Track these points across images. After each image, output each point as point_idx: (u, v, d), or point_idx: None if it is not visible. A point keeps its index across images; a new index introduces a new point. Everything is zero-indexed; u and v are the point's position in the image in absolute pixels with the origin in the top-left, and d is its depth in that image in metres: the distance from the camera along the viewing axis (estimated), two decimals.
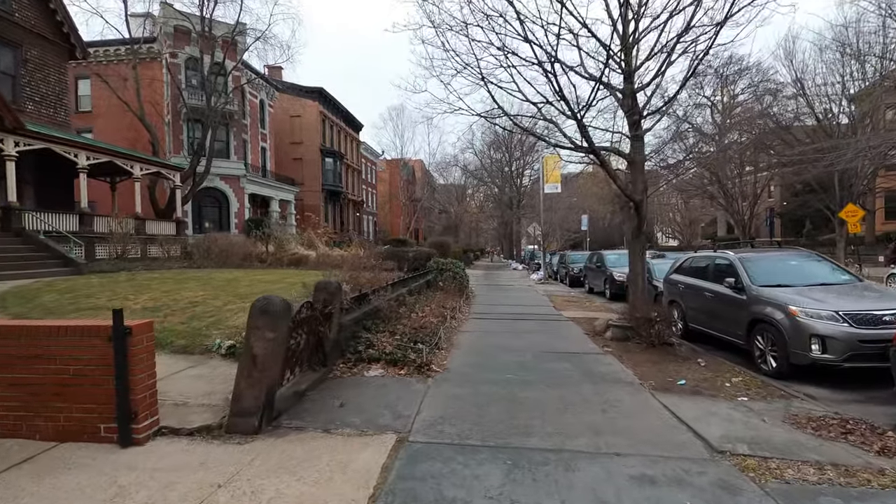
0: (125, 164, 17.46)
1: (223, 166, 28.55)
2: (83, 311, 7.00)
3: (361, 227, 51.73)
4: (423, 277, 13.94)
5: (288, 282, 11.21)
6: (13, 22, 16.47)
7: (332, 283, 5.56)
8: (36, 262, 12.46)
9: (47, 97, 17.79)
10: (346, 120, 46.95)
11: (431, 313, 9.70)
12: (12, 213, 13.28)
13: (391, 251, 20.14)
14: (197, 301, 7.94)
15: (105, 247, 15.62)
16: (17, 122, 13.05)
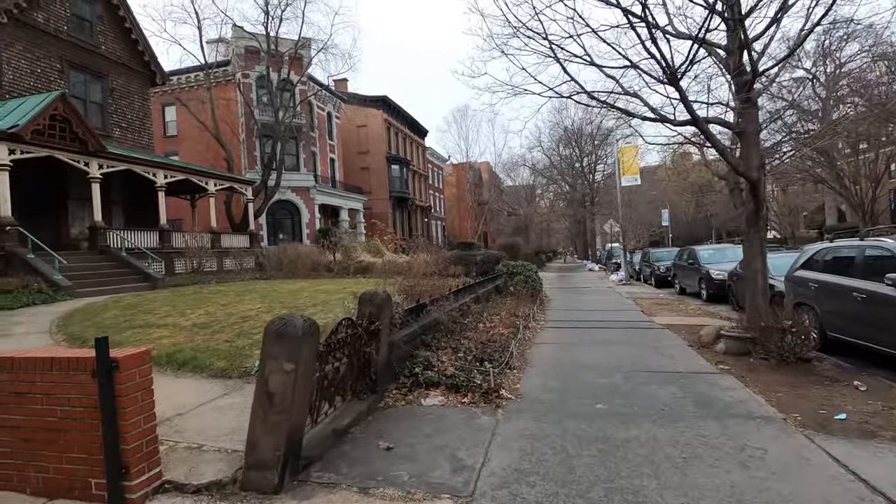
0: (200, 180, 18.10)
1: (294, 179, 29.34)
2: (134, 328, 6.73)
3: (429, 232, 51.59)
4: (491, 282, 12.90)
5: (348, 291, 10.60)
6: (100, 54, 17.67)
7: (379, 295, 4.70)
8: (117, 278, 12.97)
9: (132, 122, 18.94)
10: (410, 126, 47.09)
11: (501, 323, 8.63)
12: (97, 233, 14.00)
13: (458, 255, 19.30)
14: (249, 315, 7.49)
15: (183, 261, 16.17)
16: (99, 145, 13.74)
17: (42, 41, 15.65)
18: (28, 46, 15.27)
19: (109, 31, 18.11)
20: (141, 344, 5.97)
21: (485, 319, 8.69)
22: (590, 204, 41.04)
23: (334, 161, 36.17)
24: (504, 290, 13.24)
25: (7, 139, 11.65)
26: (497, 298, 12.03)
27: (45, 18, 15.81)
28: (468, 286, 10.21)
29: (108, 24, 18.03)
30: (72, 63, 16.61)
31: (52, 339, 6.58)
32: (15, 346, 6.28)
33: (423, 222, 49.89)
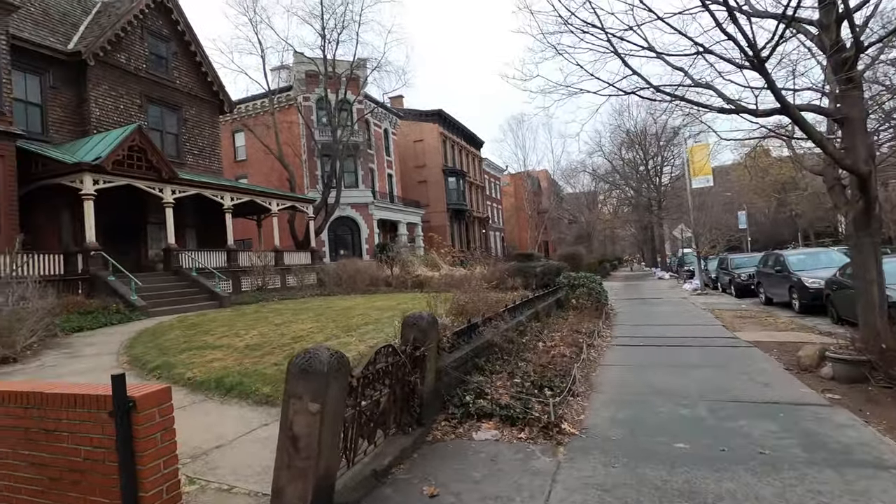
0: (264, 201, 18.83)
1: (353, 195, 30.03)
2: (191, 349, 6.80)
3: (488, 243, 51.05)
4: (552, 296, 12.20)
5: (402, 308, 10.41)
6: (174, 88, 18.97)
7: (424, 318, 4.32)
8: (188, 297, 13.59)
9: (203, 149, 20.13)
10: (466, 138, 47.09)
11: (563, 341, 7.99)
12: (171, 254, 14.82)
13: (517, 267, 18.66)
14: (301, 336, 7.39)
15: (248, 279, 16.78)
16: (172, 172, 14.60)
17: (124, 79, 17.01)
18: (113, 85, 16.64)
19: (182, 66, 19.44)
20: (195, 367, 5.99)
21: (544, 338, 8.09)
22: (657, 208, 38.77)
23: (392, 176, 36.75)
24: (566, 303, 12.49)
25: (91, 171, 12.61)
26: (558, 313, 11.33)
27: (126, 59, 17.19)
28: (526, 301, 9.63)
29: (181, 59, 19.37)
30: (150, 98, 17.93)
31: (118, 360, 6.79)
32: (84, 367, 6.53)
33: (482, 234, 49.46)
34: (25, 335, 7.12)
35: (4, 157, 12.24)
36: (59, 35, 16.02)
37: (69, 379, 5.90)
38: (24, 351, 7.20)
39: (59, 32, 16.10)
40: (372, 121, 34.31)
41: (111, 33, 16.38)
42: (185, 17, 19.28)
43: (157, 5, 18.38)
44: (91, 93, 15.95)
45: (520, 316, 8.29)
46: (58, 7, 17.02)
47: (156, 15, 18.44)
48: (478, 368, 5.55)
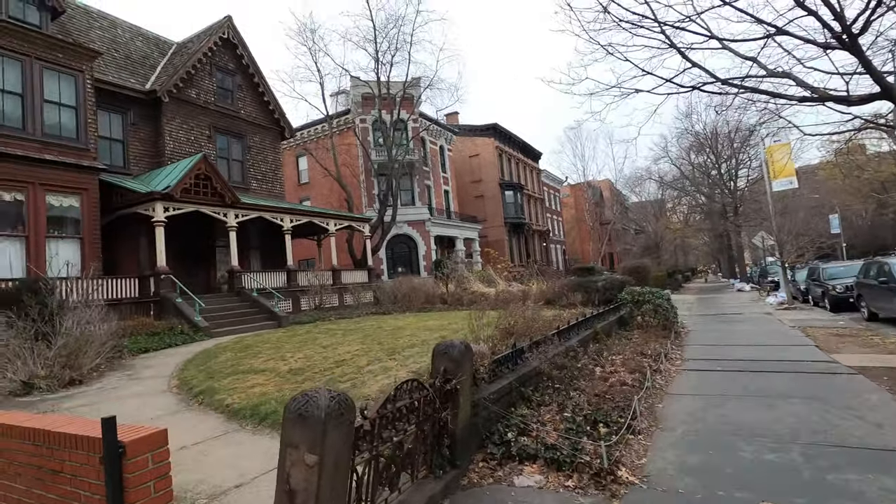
0: (321, 221, 19.32)
1: (409, 213, 30.30)
2: (237, 374, 6.80)
3: (548, 257, 49.68)
4: (613, 313, 11.32)
5: (452, 328, 10.07)
6: (240, 118, 20.09)
7: (456, 347, 3.91)
8: (248, 317, 14.04)
9: (266, 175, 21.09)
10: (523, 150, 46.44)
11: (624, 366, 7.24)
12: (234, 276, 15.45)
13: (576, 282, 17.78)
14: (345, 359, 7.21)
15: (307, 298, 17.16)
16: (234, 197, 15.30)
17: (195, 113, 18.23)
18: (185, 119, 17.87)
19: (247, 97, 20.58)
20: (236, 392, 5.93)
21: (603, 361, 7.38)
22: (732, 215, 35.89)
23: (448, 192, 36.81)
24: (629, 321, 11.54)
25: (162, 199, 13.45)
26: (620, 333, 10.45)
27: (196, 94, 18.44)
28: (584, 320, 8.92)
29: (245, 90, 20.52)
30: (217, 128, 19.07)
31: (169, 384, 6.93)
32: (139, 390, 6.70)
33: (542, 247, 48.25)
34: (91, 357, 7.47)
35: (88, 189, 13.35)
36: (139, 76, 17.47)
37: (123, 402, 6.04)
38: (90, 373, 7.56)
39: (139, 74, 17.57)
40: (427, 138, 34.67)
41: (183, 71, 17.64)
42: (248, 51, 20.46)
43: (224, 42, 19.64)
44: (165, 127, 17.20)
45: (575, 337, 7.64)
46: (138, 51, 18.64)
47: (223, 51, 19.70)
48: (524, 399, 5.03)
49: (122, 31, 18.87)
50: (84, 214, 13.23)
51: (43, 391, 6.68)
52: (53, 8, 14.64)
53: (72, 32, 16.33)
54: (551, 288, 18.42)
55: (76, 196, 13.14)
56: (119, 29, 18.84)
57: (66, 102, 13.29)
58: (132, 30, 19.44)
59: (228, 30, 19.76)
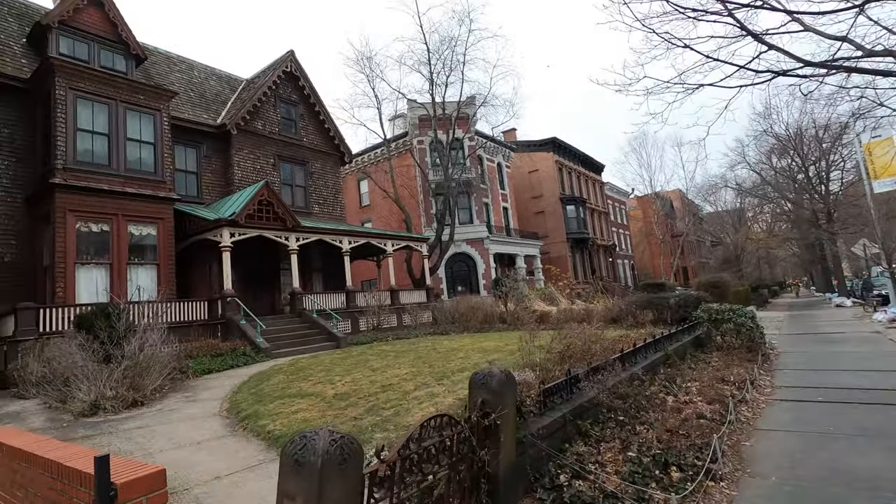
0: (379, 242, 19.51)
1: (467, 231, 30.09)
2: (284, 397, 6.71)
3: (615, 272, 47.39)
4: (687, 333, 10.26)
5: (509, 349, 9.53)
6: (302, 145, 20.96)
7: (495, 376, 3.47)
8: (308, 338, 14.26)
9: (327, 198, 21.76)
10: (584, 163, 45.06)
11: (701, 394, 6.39)
12: (296, 297, 15.83)
13: (645, 299, 16.58)
14: (391, 384, 6.93)
15: (365, 319, 17.24)
16: (295, 221, 15.79)
17: (260, 143, 19.24)
18: (251, 149, 18.89)
19: (308, 126, 21.47)
20: (279, 418, 5.79)
21: (676, 389, 6.56)
22: (825, 222, 32.36)
23: (507, 209, 36.27)
24: (707, 343, 10.41)
25: (228, 225, 14.11)
26: (697, 355, 9.40)
27: (262, 125, 19.48)
28: (653, 341, 8.08)
29: (307, 119, 21.43)
30: (281, 156, 19.99)
31: (220, 406, 6.98)
32: (194, 412, 6.78)
33: (608, 262, 46.15)
34: (153, 379, 7.72)
35: (164, 219, 14.29)
36: (211, 112, 18.75)
37: (175, 425, 6.09)
38: (153, 394, 7.82)
39: (212, 110, 18.86)
40: (485, 156, 34.53)
41: (249, 105, 18.73)
42: (310, 82, 21.42)
43: (287, 75, 20.71)
44: (234, 157, 18.25)
45: (642, 361, 6.87)
46: (212, 90, 20.07)
47: (286, 84, 20.76)
48: (580, 434, 4.45)
49: (198, 73, 20.44)
50: (160, 242, 14.15)
51: (108, 412, 6.94)
52: (137, 56, 16.09)
53: (154, 76, 17.87)
54: (617, 305, 17.28)
55: (153, 225, 14.10)
56: (195, 70, 20.43)
57: (146, 139, 14.41)
58: (206, 70, 21.01)
59: (290, 63, 20.82)
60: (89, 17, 15.07)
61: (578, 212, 39.91)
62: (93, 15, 15.15)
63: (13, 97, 13.43)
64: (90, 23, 15.08)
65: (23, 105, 13.59)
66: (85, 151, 13.17)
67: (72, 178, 12.60)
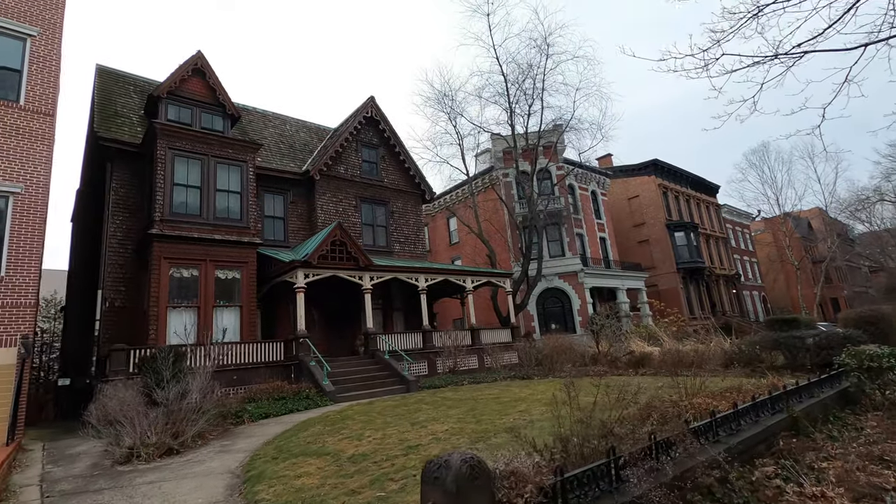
0: (458, 279, 18.75)
1: (559, 265, 28.22)
2: (301, 455, 5.99)
3: (741, 305, 41.28)
4: (826, 386, 7.79)
5: (582, 402, 7.95)
6: (383, 186, 21.31)
7: (451, 468, 2.34)
8: (378, 380, 13.69)
9: (408, 236, 21.70)
10: (693, 185, 40.73)
11: (842, 482, 4.43)
12: (369, 338, 15.50)
13: (772, 339, 13.68)
14: (420, 444, 5.89)
15: (442, 360, 16.35)
16: (368, 261, 15.69)
17: (342, 186, 19.87)
18: (334, 192, 19.56)
19: (389, 166, 21.87)
20: (279, 483, 5.05)
21: (802, 472, 4.63)
22: None
23: (605, 240, 33.64)
24: (858, 399, 7.81)
25: (302, 266, 14.36)
26: (841, 417, 7.00)
27: (345, 169, 20.18)
28: (769, 398, 6.07)
29: (387, 160, 21.86)
30: (362, 197, 20.44)
31: (242, 461, 6.44)
32: (213, 467, 6.32)
33: (730, 294, 40.42)
34: (191, 426, 7.51)
35: (248, 263, 14.99)
36: (298, 161, 19.86)
37: (181, 483, 5.64)
38: (194, 440, 7.61)
39: (299, 159, 19.99)
40: (577, 185, 32.69)
41: (332, 151, 19.54)
42: (389, 125, 21.95)
43: (368, 120, 21.43)
44: (318, 202, 18.98)
45: (748, 429, 5.05)
46: (301, 141, 21.40)
47: (367, 128, 21.48)
48: None
49: (290, 126, 22.02)
50: (243, 285, 14.78)
51: (140, 460, 6.78)
52: (232, 115, 17.62)
53: (249, 133, 19.50)
54: (737, 346, 14.35)
55: (238, 269, 14.82)
56: (287, 125, 22.04)
57: (233, 189, 15.44)
58: (297, 124, 22.58)
59: (371, 109, 21.57)
60: (193, 85, 16.88)
61: (689, 238, 35.73)
62: (196, 84, 16.95)
63: (130, 161, 15.23)
64: (194, 90, 16.87)
65: (136, 168, 15.37)
66: (180, 203, 14.37)
67: (167, 228, 13.73)
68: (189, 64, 16.79)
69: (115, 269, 14.45)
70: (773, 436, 5.48)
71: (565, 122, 24.09)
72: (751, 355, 13.86)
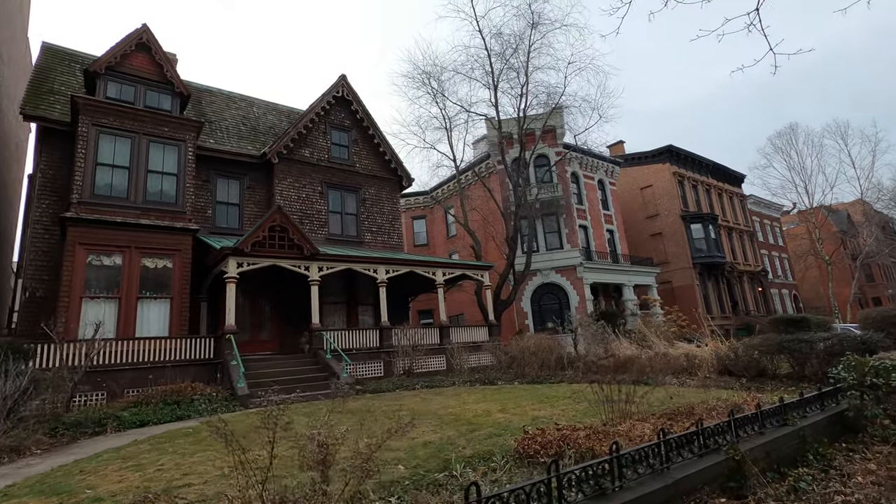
0: (426, 271, 17.00)
1: (556, 258, 26.08)
2: (43, 494, 4.39)
3: (768, 304, 37.97)
4: (820, 405, 5.69)
5: (516, 421, 6.15)
6: (354, 171, 19.74)
7: None
8: (308, 384, 12.05)
9: (382, 226, 20.06)
10: (714, 173, 37.63)
11: None
12: (313, 335, 13.92)
13: (775, 342, 11.46)
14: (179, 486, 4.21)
15: (399, 361, 14.66)
16: (313, 248, 14.13)
17: (306, 171, 18.37)
18: (296, 177, 18.08)
19: (362, 150, 20.27)
20: None
21: None
22: None
23: (613, 232, 31.19)
24: (858, 426, 5.69)
25: (233, 254, 12.91)
26: (828, 456, 4.94)
27: (310, 152, 18.69)
28: (711, 428, 4.14)
29: (361, 144, 20.27)
30: (330, 183, 18.91)
31: None
32: None
33: (756, 292, 37.19)
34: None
35: (181, 251, 13.66)
36: (259, 143, 18.45)
37: None
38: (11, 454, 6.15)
39: (260, 142, 18.58)
40: (581, 173, 30.36)
41: (294, 132, 18.07)
42: (363, 106, 20.34)
43: (339, 100, 19.88)
44: (276, 187, 17.54)
45: (651, 483, 3.16)
46: (267, 123, 20.03)
47: (338, 109, 19.93)
48: None
49: (257, 108, 20.68)
50: (175, 275, 13.45)
51: None
52: (181, 94, 16.32)
53: (208, 114, 18.23)
54: (732, 352, 12.09)
55: (169, 258, 13.50)
56: (255, 107, 20.71)
57: (168, 170, 14.14)
58: (267, 106, 21.24)
59: (343, 88, 20.00)
60: (137, 61, 15.61)
61: (707, 231, 32.84)
62: (140, 59, 15.66)
63: (59, 141, 14.07)
64: (138, 66, 15.57)
65: (68, 148, 14.22)
66: (104, 185, 13.14)
67: (84, 212, 12.50)
68: (133, 38, 15.54)
69: (38, 256, 13.32)
70: (690, 493, 3.56)
71: (554, 100, 21.92)
72: (748, 362, 11.62)
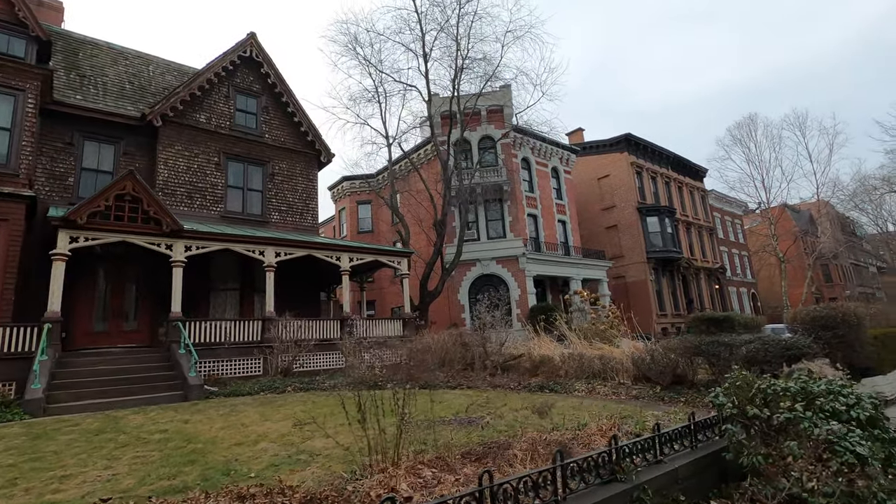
0: (327, 256, 14.98)
1: (498, 247, 24.33)
2: None
3: (725, 302, 37.10)
4: (691, 441, 3.88)
5: None
6: (261, 142, 17.49)
7: None
8: (143, 385, 10.02)
9: (293, 205, 17.91)
10: (674, 166, 36.38)
11: None
12: (171, 326, 11.78)
13: (694, 344, 9.83)
14: None
15: (279, 358, 12.66)
16: (175, 224, 11.98)
17: (201, 138, 16.07)
18: (187, 145, 15.77)
19: (274, 119, 18.03)
20: None
21: None
22: None
23: (566, 223, 29.58)
24: (740, 475, 3.94)
25: (65, 226, 10.68)
26: None
27: (207, 118, 16.37)
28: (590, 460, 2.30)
29: (271, 112, 18.02)
30: (230, 154, 16.65)
31: None
32: None
33: (713, 289, 36.23)
34: None
35: (9, 220, 11.32)
36: (146, 105, 16.04)
37: None
38: None
39: (145, 102, 16.17)
40: (533, 158, 28.59)
41: (185, 93, 15.73)
42: (275, 69, 18.07)
43: (246, 60, 17.57)
44: (161, 155, 15.24)
45: None
46: (162, 83, 17.58)
47: (245, 71, 17.63)
48: None
49: (154, 67, 18.20)
50: (1, 248, 11.13)
51: None
52: (39, 38, 13.84)
53: (85, 68, 15.76)
54: (648, 354, 10.45)
55: None
56: (152, 66, 18.22)
57: (1, 124, 11.75)
58: (166, 65, 18.75)
59: (251, 48, 17.68)
60: None
61: (664, 224, 31.55)
62: None
63: None
64: None
65: None
66: None
67: None
68: None
69: None
70: None
71: (489, 73, 20.01)
72: (664, 367, 9.99)
